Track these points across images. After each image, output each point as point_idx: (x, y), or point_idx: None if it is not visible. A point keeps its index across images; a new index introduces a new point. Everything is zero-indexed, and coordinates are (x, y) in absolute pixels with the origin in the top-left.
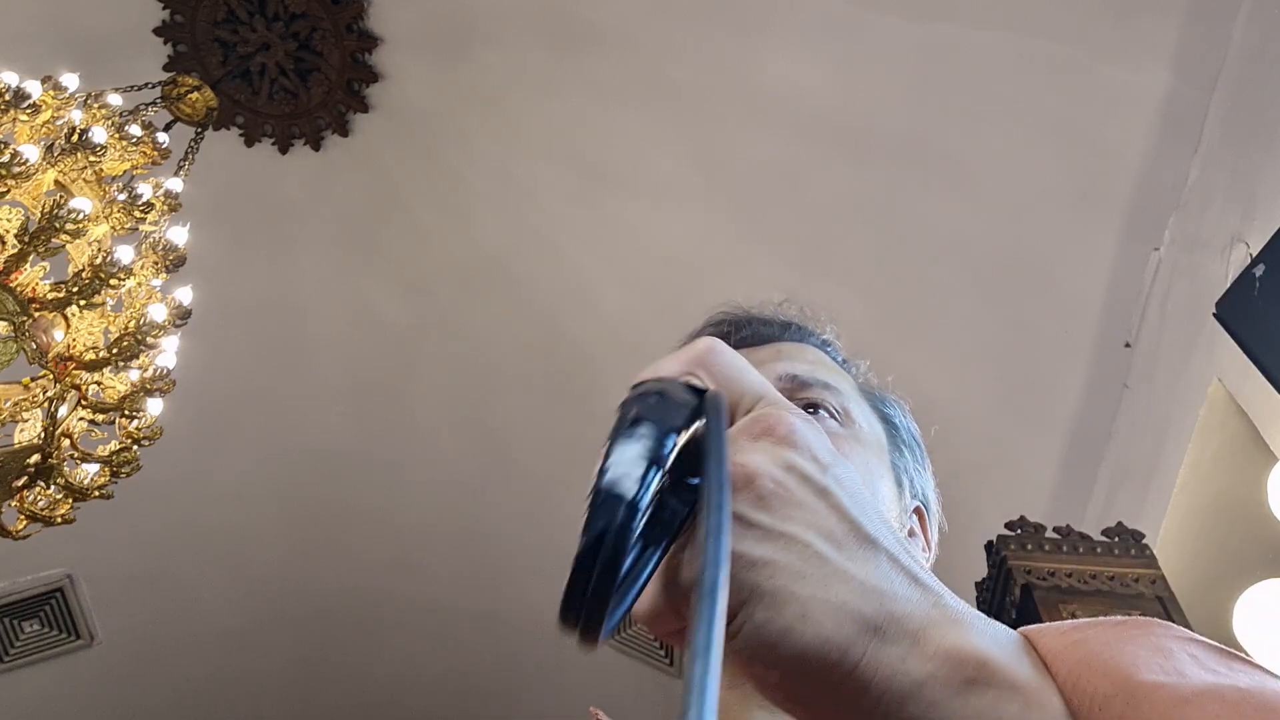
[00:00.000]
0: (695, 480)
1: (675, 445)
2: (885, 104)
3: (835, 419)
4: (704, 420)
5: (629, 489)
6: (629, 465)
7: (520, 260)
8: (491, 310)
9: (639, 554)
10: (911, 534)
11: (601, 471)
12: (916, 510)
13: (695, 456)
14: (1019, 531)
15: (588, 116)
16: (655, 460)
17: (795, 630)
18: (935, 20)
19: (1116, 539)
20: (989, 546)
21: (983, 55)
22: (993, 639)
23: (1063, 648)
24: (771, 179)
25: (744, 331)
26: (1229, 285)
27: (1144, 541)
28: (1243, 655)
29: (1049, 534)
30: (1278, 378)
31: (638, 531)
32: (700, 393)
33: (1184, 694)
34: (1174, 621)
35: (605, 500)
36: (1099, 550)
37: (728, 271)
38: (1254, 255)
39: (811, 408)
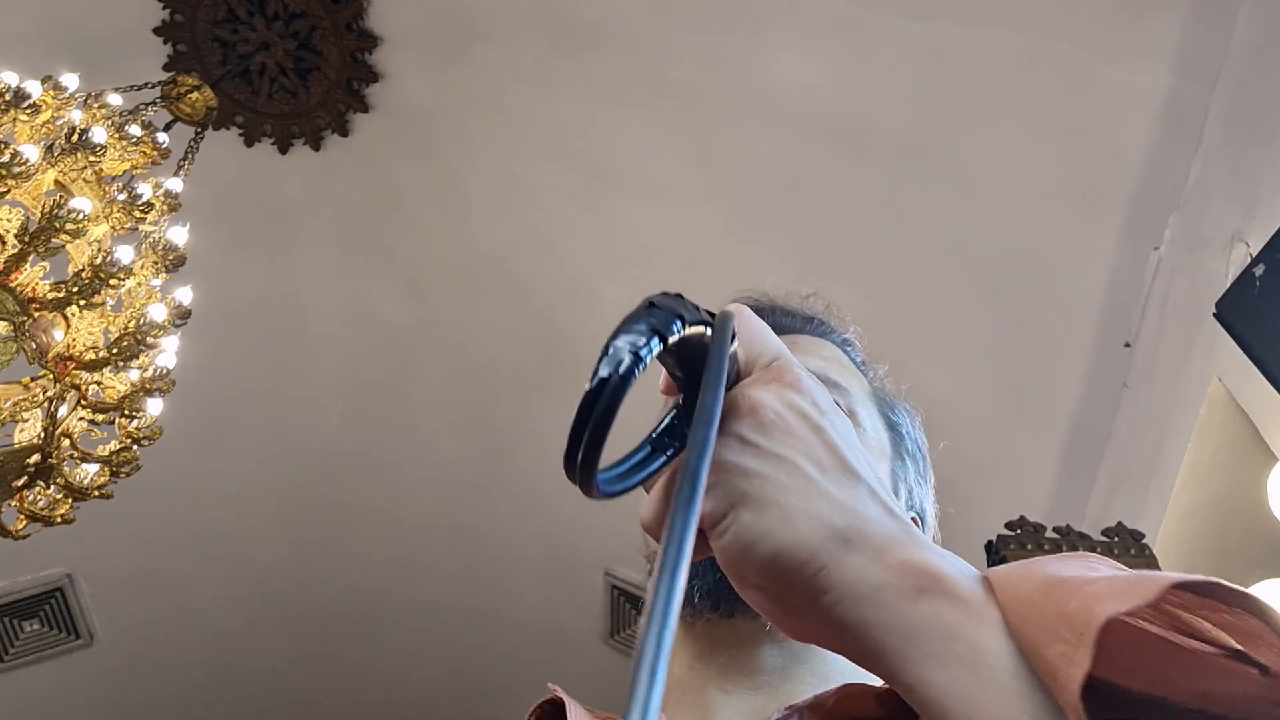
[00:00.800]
0: None
1: (680, 329)
2: (886, 103)
3: None
4: (710, 331)
5: (633, 344)
6: (636, 331)
7: (520, 259)
8: (491, 310)
9: (648, 455)
10: None
11: (613, 335)
12: (912, 520)
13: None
14: (1019, 531)
15: (588, 116)
16: (658, 330)
17: (774, 531)
18: (936, 19)
19: (1116, 539)
20: (989, 546)
21: (983, 55)
22: (950, 562)
23: (1008, 571)
24: (772, 178)
25: (766, 320)
26: (1229, 285)
27: (1144, 541)
28: None
29: (1049, 534)
30: (1278, 377)
31: (636, 377)
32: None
33: (1089, 578)
34: None
35: (612, 352)
36: (1099, 550)
37: (728, 271)
38: (1254, 255)
39: None
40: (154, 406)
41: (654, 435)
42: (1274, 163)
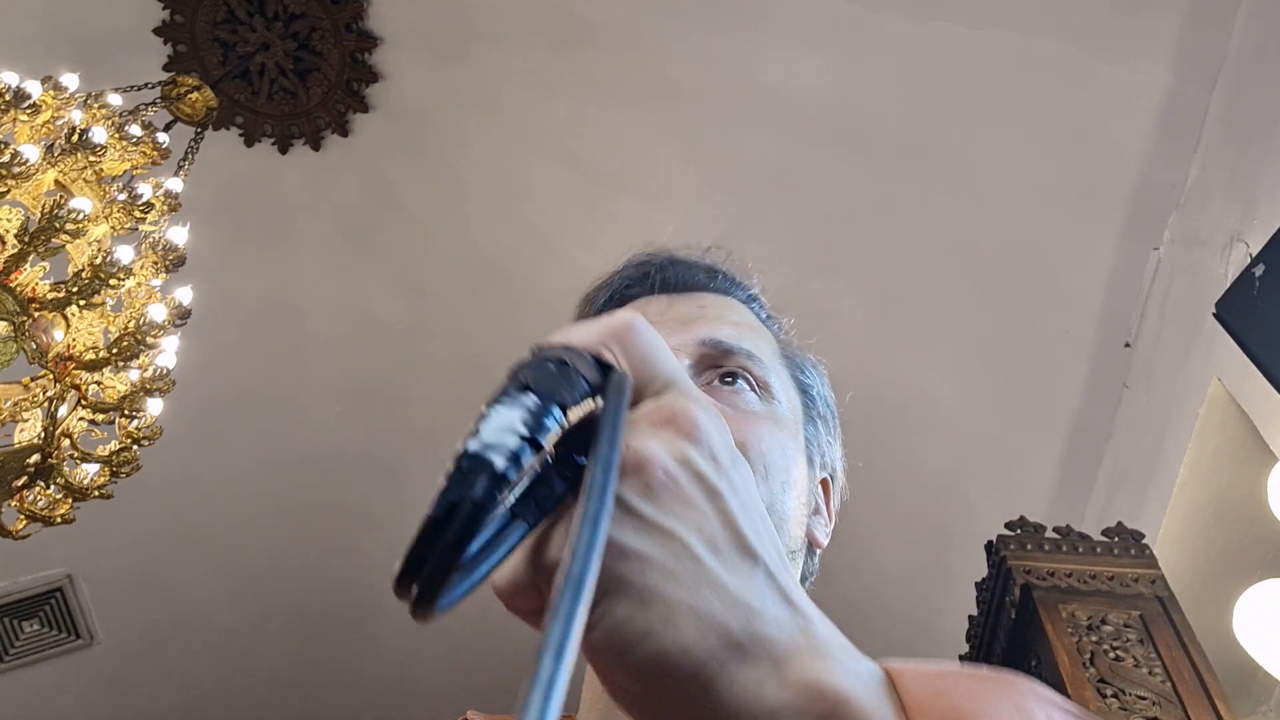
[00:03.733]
0: (583, 460)
1: (560, 424)
2: (885, 103)
3: (755, 392)
4: (603, 400)
5: (497, 462)
6: (502, 434)
7: (519, 259)
8: (491, 310)
9: (505, 524)
10: (816, 510)
11: (472, 434)
12: (822, 482)
13: (588, 433)
14: (1019, 531)
15: (587, 115)
16: (531, 437)
17: (656, 634)
18: (935, 19)
19: (1116, 539)
20: (989, 546)
21: (982, 55)
22: (855, 676)
23: (926, 696)
24: (771, 178)
25: (667, 274)
26: (1229, 285)
27: (1144, 541)
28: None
29: (1049, 534)
30: (1278, 377)
31: (500, 507)
32: (606, 370)
33: None
34: (1174, 621)
35: (469, 468)
36: (1099, 550)
37: None
38: (1254, 255)
39: (730, 377)
40: (154, 406)
41: (515, 500)
42: (1274, 163)
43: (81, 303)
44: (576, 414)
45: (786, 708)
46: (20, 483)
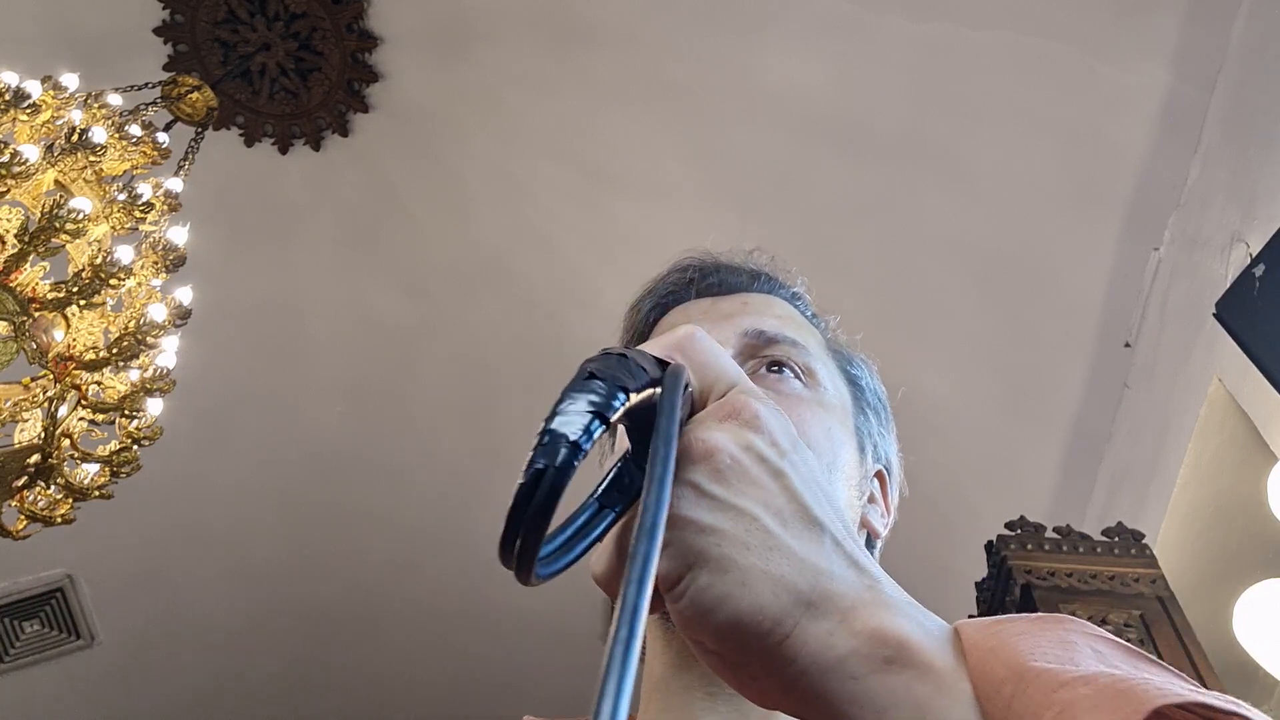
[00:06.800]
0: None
1: (625, 403)
2: (885, 103)
3: (800, 379)
4: (660, 388)
5: (572, 432)
6: (575, 413)
7: (520, 259)
8: (491, 310)
9: (594, 514)
10: (872, 499)
11: (549, 416)
12: (878, 474)
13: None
14: (1019, 531)
15: (588, 116)
16: (600, 412)
17: (734, 596)
18: (935, 20)
19: (1116, 539)
20: (989, 546)
21: (982, 55)
22: (919, 625)
23: (981, 638)
24: (771, 178)
25: (710, 279)
26: (1229, 285)
27: (1144, 541)
28: (1150, 657)
29: (1049, 534)
30: (1278, 378)
31: (591, 500)
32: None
33: (1064, 678)
34: (1174, 621)
35: (548, 440)
36: (1099, 550)
37: None
38: (1254, 255)
39: (776, 365)
40: (154, 406)
41: (600, 491)
42: (1273, 163)
43: (81, 303)
44: (638, 398)
45: (854, 654)
46: (20, 483)
